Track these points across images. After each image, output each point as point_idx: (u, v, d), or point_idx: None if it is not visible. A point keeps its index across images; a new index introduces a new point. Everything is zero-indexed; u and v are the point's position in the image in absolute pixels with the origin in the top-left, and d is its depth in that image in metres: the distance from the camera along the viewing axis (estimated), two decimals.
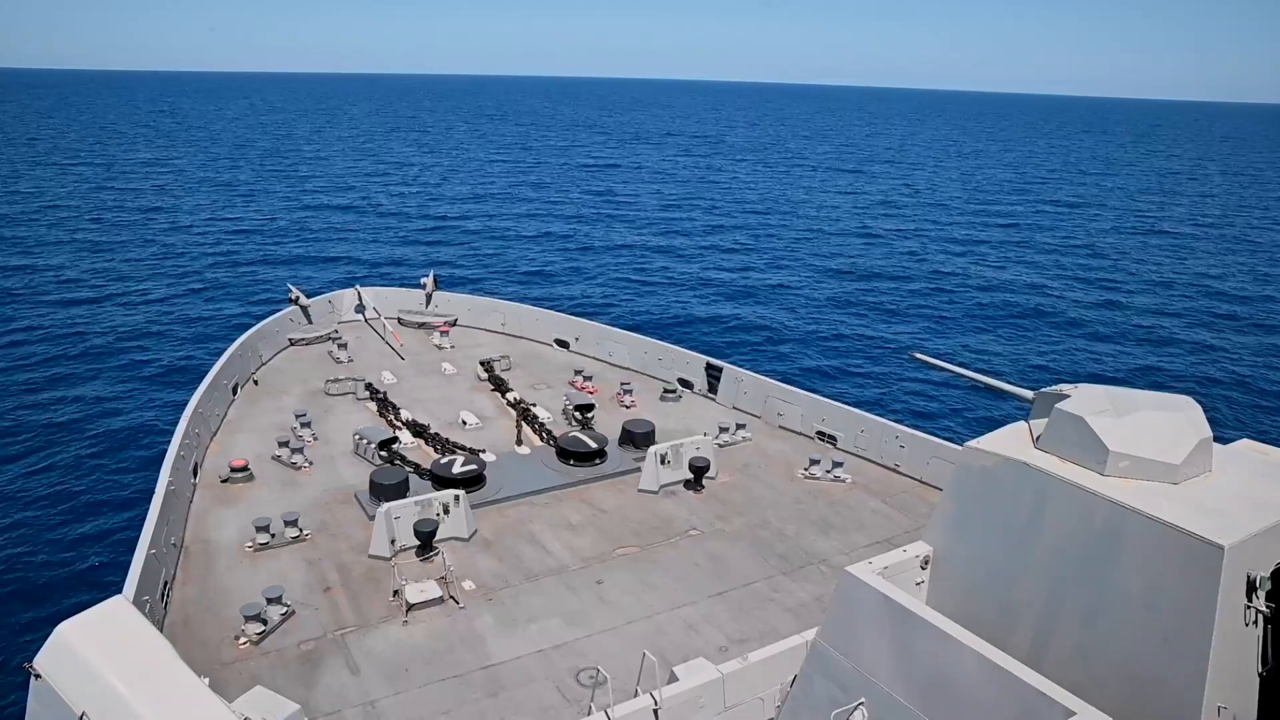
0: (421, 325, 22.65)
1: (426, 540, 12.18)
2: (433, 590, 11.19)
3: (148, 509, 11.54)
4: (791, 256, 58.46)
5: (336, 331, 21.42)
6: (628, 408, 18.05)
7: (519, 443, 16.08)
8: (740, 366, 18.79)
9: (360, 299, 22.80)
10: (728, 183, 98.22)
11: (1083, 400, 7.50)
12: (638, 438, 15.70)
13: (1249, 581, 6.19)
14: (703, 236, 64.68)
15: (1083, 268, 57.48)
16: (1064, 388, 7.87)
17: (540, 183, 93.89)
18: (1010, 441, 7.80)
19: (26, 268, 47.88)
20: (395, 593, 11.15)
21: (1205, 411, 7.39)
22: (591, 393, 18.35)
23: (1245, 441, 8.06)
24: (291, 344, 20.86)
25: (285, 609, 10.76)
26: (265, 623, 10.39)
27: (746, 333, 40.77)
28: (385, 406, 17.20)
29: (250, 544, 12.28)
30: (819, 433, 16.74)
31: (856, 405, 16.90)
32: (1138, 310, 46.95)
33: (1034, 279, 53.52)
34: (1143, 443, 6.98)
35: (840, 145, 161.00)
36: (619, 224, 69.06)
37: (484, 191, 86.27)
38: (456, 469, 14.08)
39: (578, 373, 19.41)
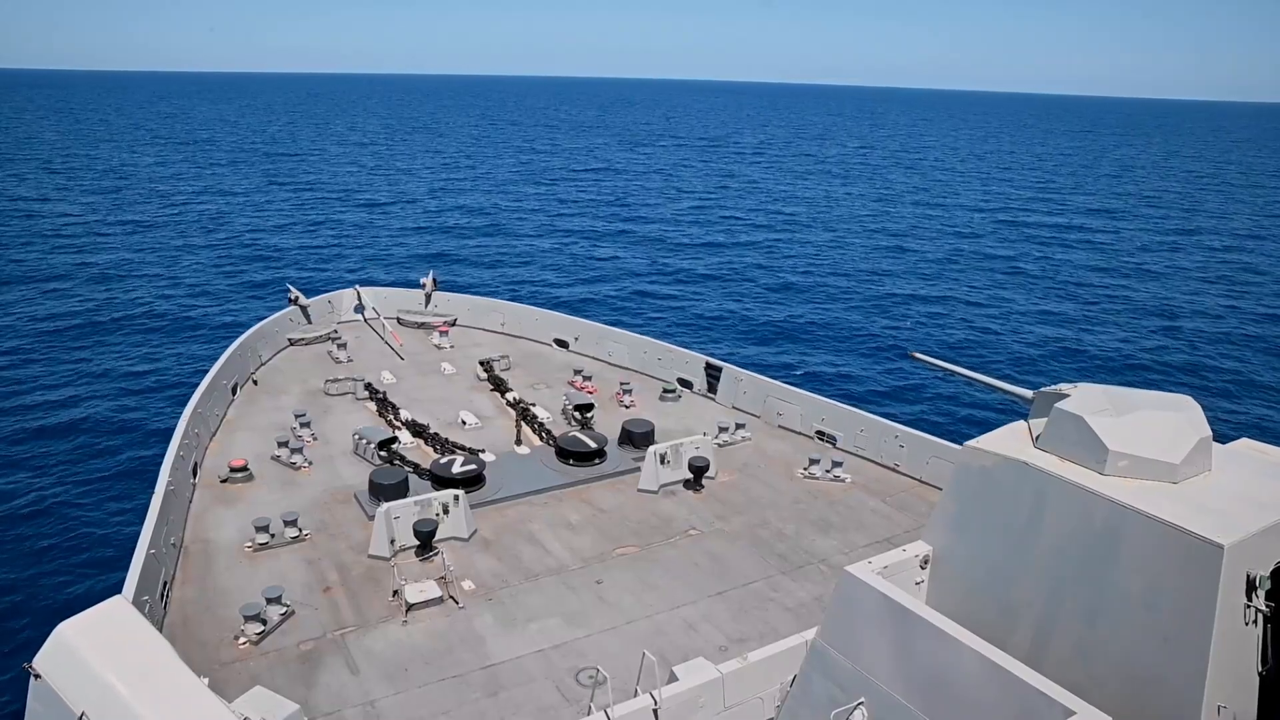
0: (421, 325, 22.64)
1: (426, 540, 12.17)
2: (432, 590, 11.18)
3: (147, 509, 11.54)
4: (791, 256, 58.44)
5: (336, 331, 21.41)
6: (627, 407, 18.04)
7: (518, 442, 16.07)
8: (740, 366, 18.78)
9: (359, 299, 22.79)
10: (729, 183, 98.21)
11: (1082, 400, 7.50)
12: (637, 437, 15.70)
13: (1248, 581, 6.19)
14: (705, 240, 64.68)
15: (1082, 267, 57.47)
16: (1063, 387, 7.87)
17: (541, 184, 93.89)
18: (1010, 441, 7.80)
19: (27, 268, 47.88)
20: (395, 593, 11.15)
21: (1205, 411, 7.38)
22: (591, 392, 18.33)
23: (1245, 441, 8.06)
24: (291, 344, 20.85)
25: (285, 609, 10.75)
26: (265, 623, 10.39)
27: (746, 331, 40.77)
28: (385, 406, 17.20)
29: (250, 544, 12.28)
30: (818, 432, 16.73)
31: (856, 405, 16.89)
32: (1138, 310, 46.94)
33: (1034, 278, 53.53)
34: (1142, 442, 6.98)
35: (842, 146, 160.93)
36: (621, 224, 69.06)
37: (485, 192, 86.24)
38: (456, 469, 14.08)
39: (577, 372, 19.40)
